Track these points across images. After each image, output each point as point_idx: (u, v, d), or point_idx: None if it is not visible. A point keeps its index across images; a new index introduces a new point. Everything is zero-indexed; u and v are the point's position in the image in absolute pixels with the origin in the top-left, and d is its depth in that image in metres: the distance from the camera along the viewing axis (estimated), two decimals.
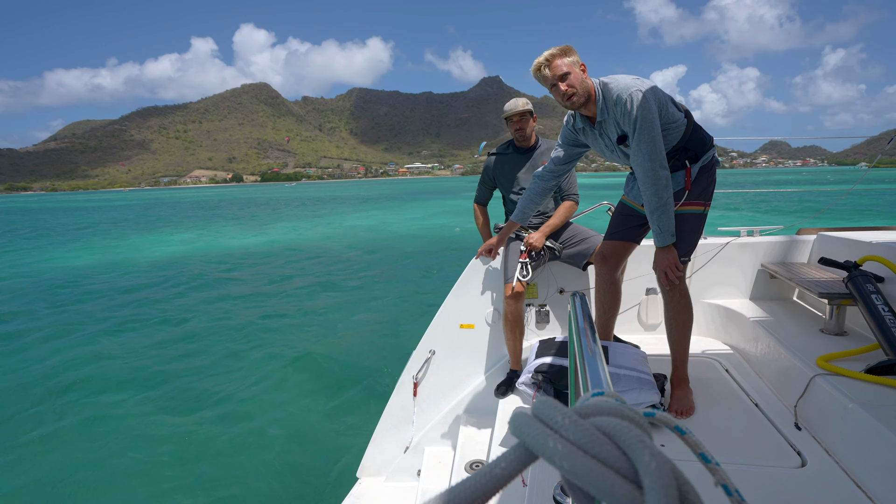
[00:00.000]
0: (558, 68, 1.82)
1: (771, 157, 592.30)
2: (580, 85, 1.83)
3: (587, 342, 0.96)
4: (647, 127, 1.76)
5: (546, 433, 0.32)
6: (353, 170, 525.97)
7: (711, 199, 2.00)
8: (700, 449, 0.40)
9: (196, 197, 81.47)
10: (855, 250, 2.49)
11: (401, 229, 21.91)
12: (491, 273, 2.87)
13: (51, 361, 6.26)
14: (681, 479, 0.29)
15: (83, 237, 23.22)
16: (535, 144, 2.77)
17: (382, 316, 8.04)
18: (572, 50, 1.86)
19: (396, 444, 2.84)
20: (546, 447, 0.31)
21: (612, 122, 1.87)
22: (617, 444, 0.31)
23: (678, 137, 1.90)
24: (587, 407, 0.34)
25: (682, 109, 1.92)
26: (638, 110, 1.74)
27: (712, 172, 1.99)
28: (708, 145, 1.97)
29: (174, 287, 10.74)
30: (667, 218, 1.85)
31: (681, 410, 1.96)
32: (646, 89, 1.76)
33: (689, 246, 1.96)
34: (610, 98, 1.82)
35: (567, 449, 0.31)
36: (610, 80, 1.85)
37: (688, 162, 1.93)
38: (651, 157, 1.78)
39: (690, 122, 1.92)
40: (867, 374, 1.72)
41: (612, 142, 1.94)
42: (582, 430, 0.31)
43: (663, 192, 1.81)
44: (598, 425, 0.32)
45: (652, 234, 1.93)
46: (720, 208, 24.62)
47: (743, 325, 2.57)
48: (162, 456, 3.98)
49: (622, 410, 0.34)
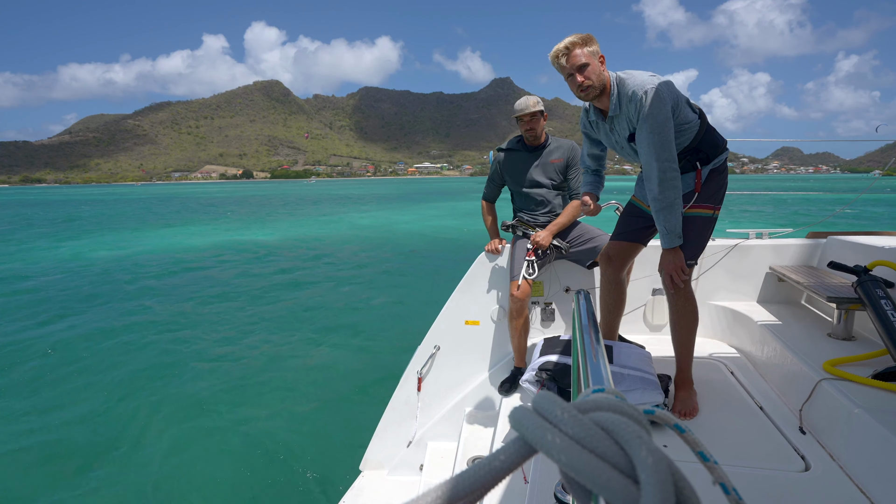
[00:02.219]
0: (577, 58, 1.79)
1: (783, 163, 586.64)
2: (597, 77, 1.80)
3: (590, 340, 0.96)
4: (657, 126, 1.74)
5: (545, 427, 0.32)
6: (363, 168, 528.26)
7: (721, 204, 1.96)
8: (699, 447, 0.41)
9: (220, 193, 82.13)
10: (865, 255, 2.47)
11: (411, 227, 22.09)
12: (497, 270, 2.88)
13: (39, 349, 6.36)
14: (677, 475, 0.30)
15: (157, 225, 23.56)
16: (545, 143, 2.76)
17: (388, 311, 8.08)
18: (593, 39, 1.82)
19: (399, 438, 2.86)
20: (545, 441, 0.31)
21: (625, 119, 1.85)
22: (615, 439, 0.31)
23: (690, 138, 1.88)
24: (587, 403, 0.35)
25: (697, 110, 1.91)
26: (651, 108, 1.72)
27: (723, 176, 1.97)
28: (721, 148, 1.94)
29: (183, 282, 10.86)
30: (673, 219, 1.82)
31: (684, 412, 1.94)
32: (661, 87, 1.74)
33: (695, 249, 1.93)
34: (625, 94, 1.80)
35: (565, 443, 0.31)
36: (627, 75, 1.83)
37: (699, 164, 1.91)
38: (659, 156, 1.76)
39: (704, 124, 1.90)
40: (874, 380, 1.70)
41: (622, 138, 1.92)
42: (580, 425, 0.32)
43: (670, 191, 1.78)
44: (596, 420, 0.32)
45: (659, 236, 1.91)
46: (729, 210, 24.44)
47: (749, 328, 2.55)
48: (165, 448, 4.03)
49: (621, 407, 0.34)
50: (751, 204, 28.90)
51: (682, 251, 1.90)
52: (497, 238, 2.91)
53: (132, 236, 20.14)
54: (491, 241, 2.90)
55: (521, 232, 2.74)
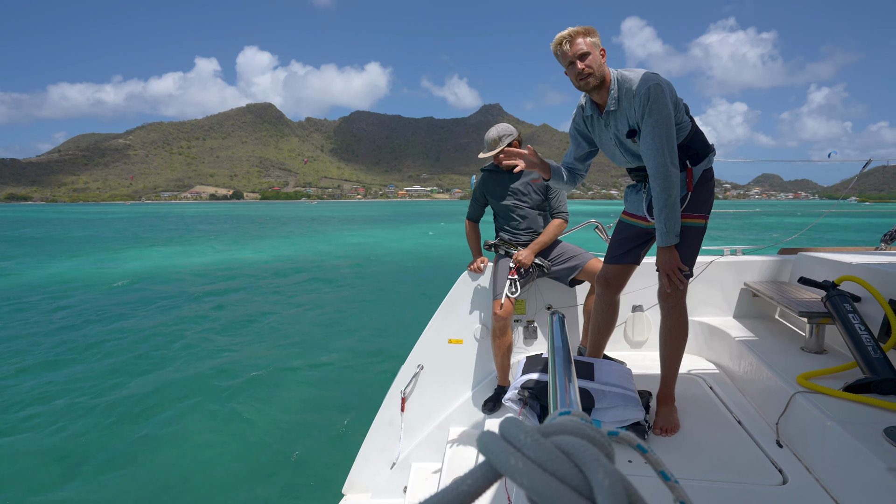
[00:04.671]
0: (579, 46, 1.82)
1: (763, 189, 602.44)
2: (598, 67, 1.83)
3: (561, 362, 0.96)
4: (663, 120, 1.76)
5: (509, 451, 0.33)
6: (353, 191, 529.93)
7: (710, 213, 1.99)
8: (660, 467, 0.41)
9: (223, 212, 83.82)
10: (833, 270, 2.54)
11: (401, 246, 22.29)
12: (480, 289, 2.90)
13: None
14: (634, 495, 0.30)
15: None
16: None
17: (371, 330, 8.02)
18: (595, 31, 1.85)
19: (383, 459, 2.81)
20: (508, 465, 0.32)
21: (624, 115, 1.86)
22: (574, 462, 0.32)
23: (683, 137, 1.92)
24: (551, 426, 0.35)
25: (688, 114, 1.95)
26: (657, 103, 1.75)
27: (711, 184, 1.99)
28: (710, 149, 1.97)
29: (159, 301, 10.68)
30: (674, 217, 1.83)
31: (666, 428, 1.95)
32: (664, 85, 1.78)
33: (690, 258, 1.94)
34: (627, 89, 1.81)
35: (528, 467, 0.32)
36: (629, 71, 1.85)
37: (689, 162, 1.93)
38: (664, 151, 1.77)
39: (694, 125, 1.95)
40: (845, 392, 1.74)
41: (617, 135, 1.93)
42: (542, 449, 0.33)
43: (672, 188, 1.79)
44: (558, 444, 0.33)
45: (656, 234, 1.89)
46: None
47: (726, 343, 2.59)
48: (144, 469, 3.91)
49: (583, 430, 0.34)
50: (723, 227, 29.75)
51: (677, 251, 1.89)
52: (480, 257, 2.95)
53: (144, 253, 19.85)
54: (474, 260, 2.94)
55: (503, 251, 2.78)
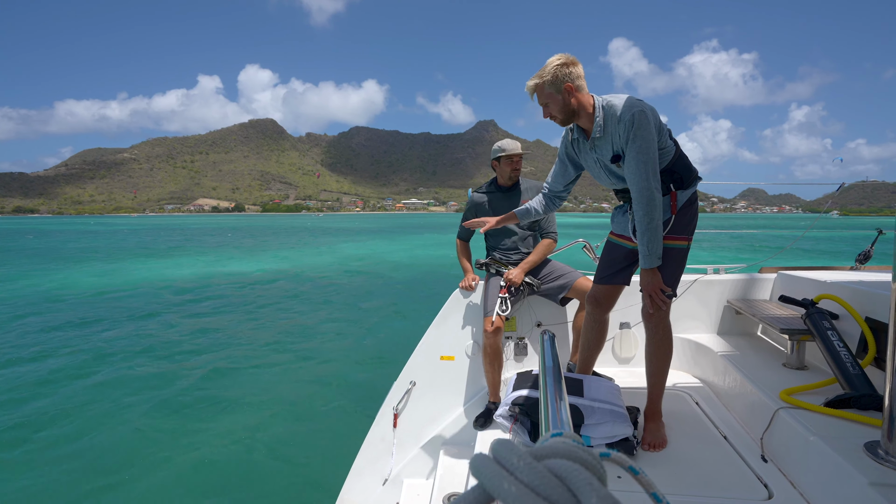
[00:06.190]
0: (540, 98, 1.98)
1: (749, 203, 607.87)
2: (560, 111, 1.95)
3: (552, 382, 0.96)
4: (646, 146, 1.82)
5: (502, 475, 0.33)
6: (352, 203, 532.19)
7: (693, 235, 2.04)
8: (652, 489, 0.42)
9: (241, 224, 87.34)
10: (812, 289, 2.60)
11: (398, 257, 22.59)
12: (471, 307, 2.96)
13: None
14: None
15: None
16: (517, 183, 2.92)
17: (364, 346, 8.01)
18: (557, 71, 1.89)
19: (375, 476, 2.82)
20: (501, 489, 0.32)
21: (608, 141, 1.92)
22: (567, 486, 0.32)
23: (666, 162, 1.97)
24: (543, 449, 0.35)
25: (672, 138, 2.01)
26: (640, 129, 1.82)
27: (694, 207, 2.04)
28: (693, 174, 2.02)
29: (155, 309, 10.68)
30: (656, 240, 1.87)
31: (654, 443, 1.98)
32: (648, 110, 1.85)
33: (673, 279, 1.98)
34: (612, 116, 1.87)
35: (521, 491, 0.32)
36: (614, 98, 1.91)
37: (673, 186, 1.98)
38: (647, 176, 1.83)
39: (678, 150, 2.01)
40: (826, 408, 1.77)
41: (602, 159, 1.99)
42: (535, 473, 0.32)
43: (655, 212, 1.84)
44: (550, 468, 0.33)
45: (639, 256, 1.93)
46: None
47: (711, 359, 2.64)
48: (138, 484, 3.89)
49: (576, 452, 0.34)
50: (707, 241, 30.02)
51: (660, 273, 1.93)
52: (471, 275, 3.01)
53: (155, 263, 19.86)
54: (465, 278, 2.99)
55: (494, 270, 2.84)
